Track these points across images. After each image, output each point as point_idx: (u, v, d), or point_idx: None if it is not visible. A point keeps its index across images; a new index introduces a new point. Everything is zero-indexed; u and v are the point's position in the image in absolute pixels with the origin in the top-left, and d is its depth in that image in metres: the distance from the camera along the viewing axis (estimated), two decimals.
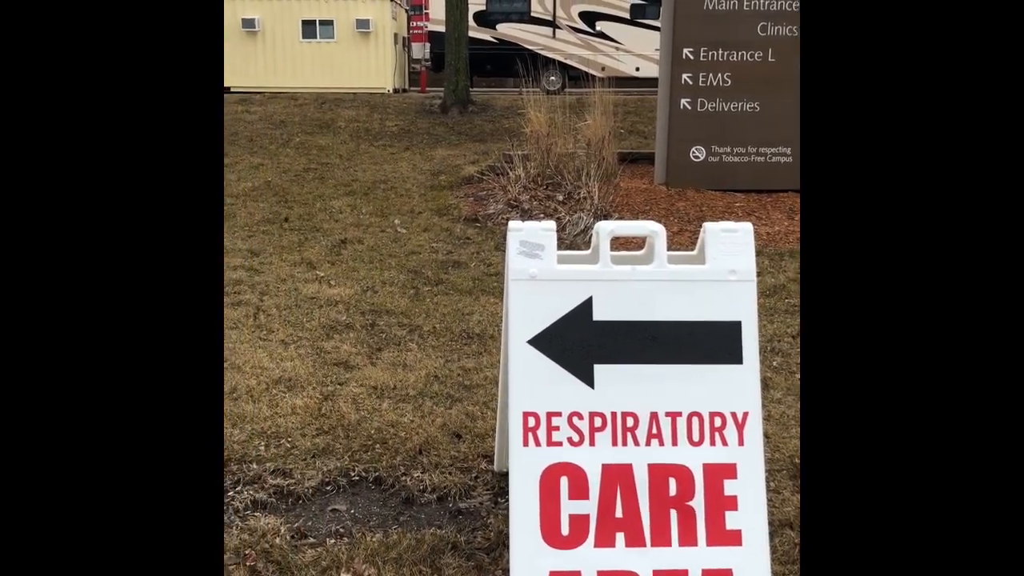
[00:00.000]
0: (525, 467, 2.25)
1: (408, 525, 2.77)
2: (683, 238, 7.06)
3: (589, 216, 7.26)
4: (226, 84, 20.80)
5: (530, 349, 2.26)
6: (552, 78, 20.33)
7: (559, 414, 2.26)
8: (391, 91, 20.60)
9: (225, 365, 4.09)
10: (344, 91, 18.88)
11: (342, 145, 12.05)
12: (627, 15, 20.99)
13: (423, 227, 7.53)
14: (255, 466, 3.09)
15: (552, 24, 21.34)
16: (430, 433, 3.37)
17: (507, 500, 2.89)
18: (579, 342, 2.26)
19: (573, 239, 7.02)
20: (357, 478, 3.05)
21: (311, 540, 2.67)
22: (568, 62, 21.03)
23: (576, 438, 2.25)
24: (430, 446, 3.26)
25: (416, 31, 24.46)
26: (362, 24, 20.99)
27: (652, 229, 2.32)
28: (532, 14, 21.44)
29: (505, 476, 3.02)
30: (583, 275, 2.29)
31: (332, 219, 7.83)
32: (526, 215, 7.56)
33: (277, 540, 2.63)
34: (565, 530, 2.22)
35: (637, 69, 20.91)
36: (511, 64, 20.79)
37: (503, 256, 6.56)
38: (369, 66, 21.30)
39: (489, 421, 3.45)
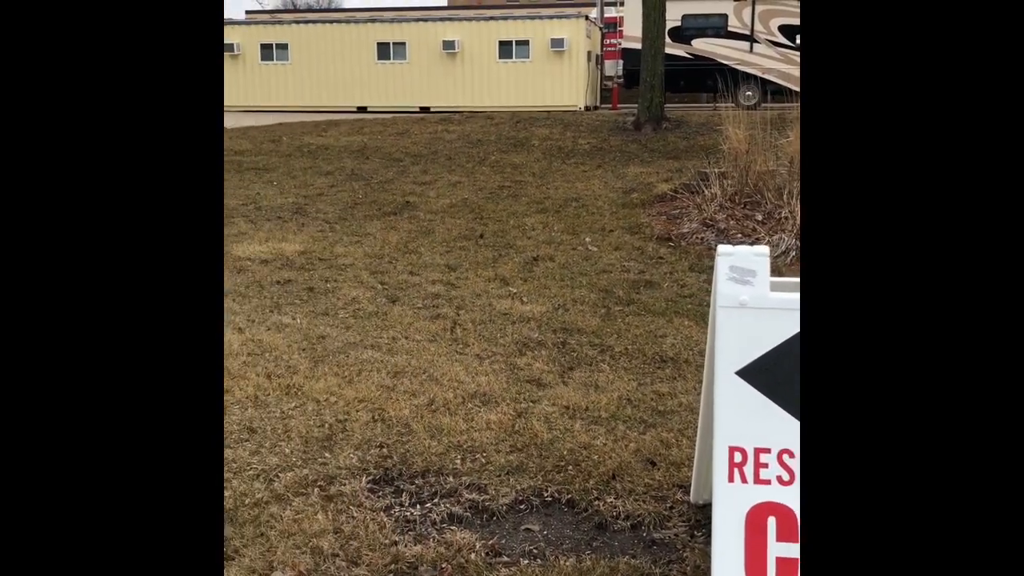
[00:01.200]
0: (729, 504, 2.14)
1: (601, 552, 2.72)
2: None
3: (791, 237, 6.95)
4: (427, 104, 21.78)
5: (738, 380, 2.16)
6: (748, 93, 19.76)
7: (768, 451, 2.14)
8: (583, 109, 20.77)
9: (423, 377, 4.23)
10: (537, 109, 19.23)
11: (535, 163, 12.25)
12: None
13: (614, 245, 7.49)
14: (451, 479, 3.16)
15: (750, 38, 20.75)
16: (623, 458, 3.30)
17: (704, 533, 2.78)
18: (793, 375, 2.12)
19: (773, 261, 6.73)
20: (550, 499, 3.04)
21: (505, 559, 2.67)
22: (766, 76, 20.37)
23: (786, 477, 2.13)
24: (623, 471, 3.20)
25: (609, 48, 24.54)
26: (556, 43, 21.33)
27: None
28: (729, 28, 20.95)
29: (702, 508, 2.91)
30: (799, 304, 2.15)
31: (525, 236, 7.96)
32: (722, 235, 7.33)
33: (472, 556, 2.66)
34: (771, 573, 2.10)
35: None
36: (705, 79, 20.44)
37: (698, 277, 6.40)
38: (562, 84, 21.61)
39: (685, 450, 3.34)
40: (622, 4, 22.77)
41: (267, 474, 3.18)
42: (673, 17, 19.66)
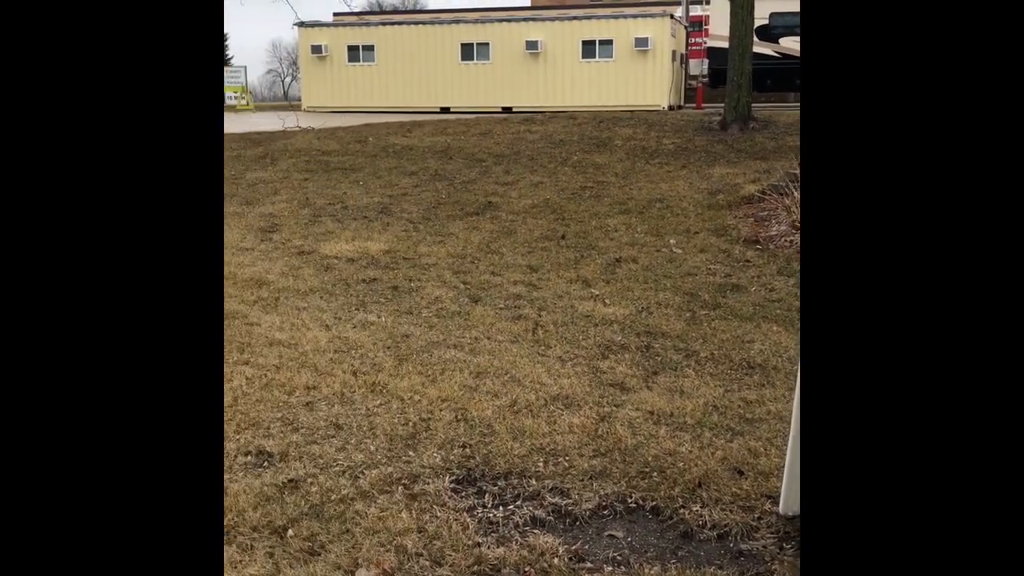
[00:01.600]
0: None
1: (687, 561, 2.67)
2: None
3: None
4: (509, 104, 21.84)
5: None
6: None
7: None
8: (667, 108, 20.52)
9: (505, 378, 4.23)
10: (620, 109, 19.08)
11: (618, 163, 12.15)
12: None
13: (699, 248, 7.37)
14: (534, 482, 3.14)
15: None
16: (709, 466, 3.23)
17: (794, 546, 2.70)
18: None
19: None
20: (634, 505, 3.00)
21: (588, 565, 2.65)
22: None
23: None
24: (709, 479, 3.13)
25: (694, 47, 24.19)
26: (640, 43, 21.12)
27: None
28: None
29: (792, 520, 2.83)
30: None
31: (607, 237, 7.89)
32: None
33: (555, 560, 2.64)
34: None
35: None
36: (794, 79, 19.95)
37: (787, 281, 6.24)
38: (646, 84, 21.39)
39: (773, 459, 3.25)
40: (708, 2, 22.41)
41: (353, 471, 3.23)
42: (761, 15, 19.25)
